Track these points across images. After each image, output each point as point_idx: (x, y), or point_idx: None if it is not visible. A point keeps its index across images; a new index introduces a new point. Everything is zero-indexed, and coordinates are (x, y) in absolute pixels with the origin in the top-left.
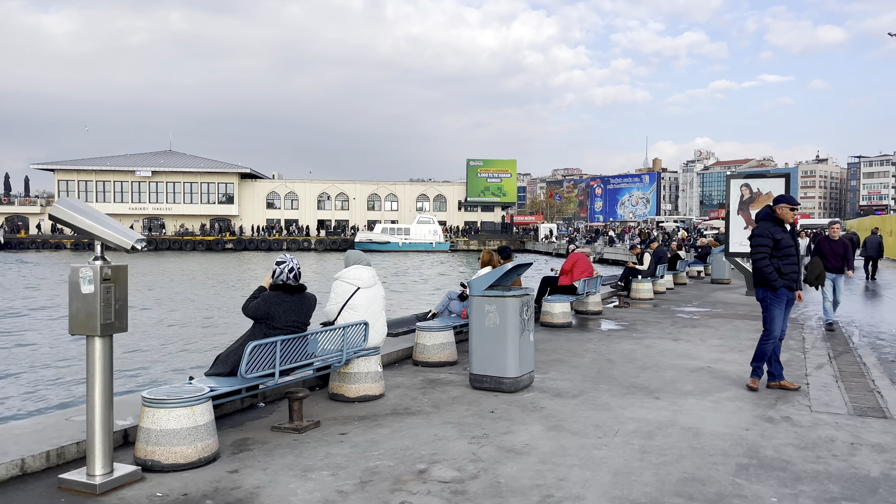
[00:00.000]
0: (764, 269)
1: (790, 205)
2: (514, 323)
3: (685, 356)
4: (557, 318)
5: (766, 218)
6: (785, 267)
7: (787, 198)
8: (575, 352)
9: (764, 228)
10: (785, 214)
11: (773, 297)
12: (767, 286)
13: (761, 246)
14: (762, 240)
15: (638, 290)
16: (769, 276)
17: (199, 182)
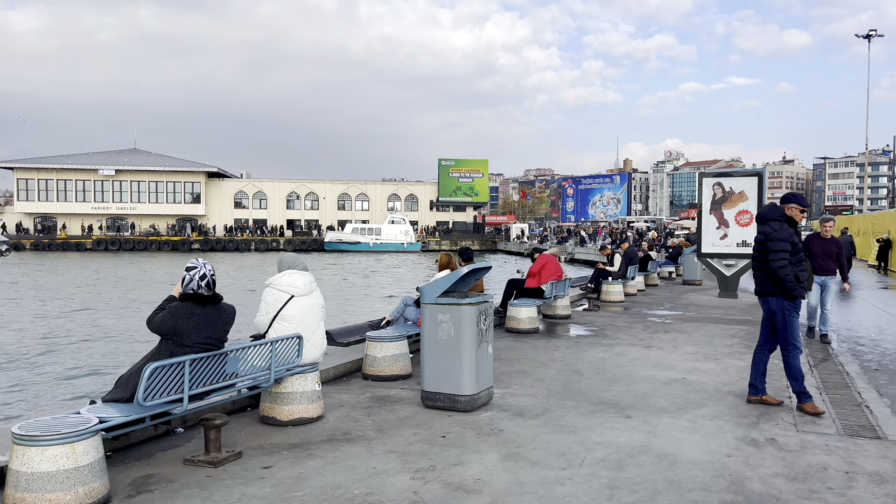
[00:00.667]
0: (787, 277)
1: (801, 206)
2: (471, 334)
3: (658, 365)
4: (523, 323)
5: (780, 219)
6: (801, 274)
7: (797, 197)
8: (541, 361)
9: (784, 231)
10: (795, 216)
11: (791, 307)
12: (785, 296)
13: (782, 251)
14: (782, 244)
15: (608, 292)
16: (791, 285)
17: (164, 181)
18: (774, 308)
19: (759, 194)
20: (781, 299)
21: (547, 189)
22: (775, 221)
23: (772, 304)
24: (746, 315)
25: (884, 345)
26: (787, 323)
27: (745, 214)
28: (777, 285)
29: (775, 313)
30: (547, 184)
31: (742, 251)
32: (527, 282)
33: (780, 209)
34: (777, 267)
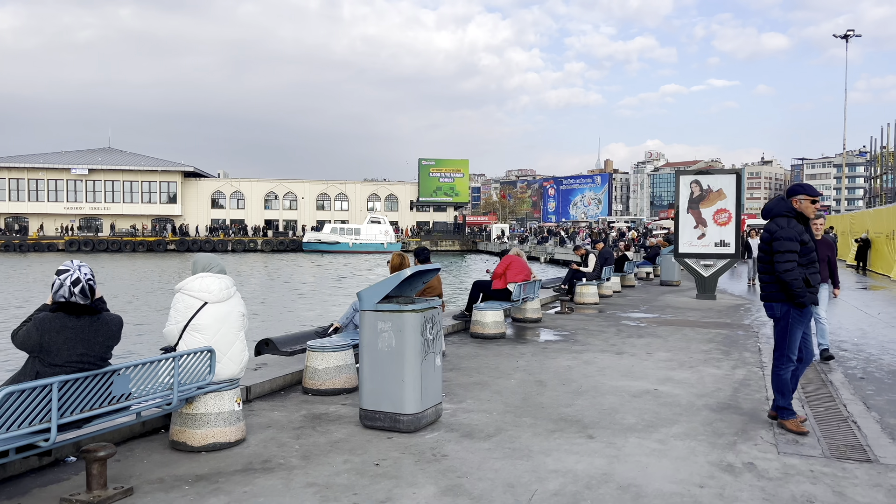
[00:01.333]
0: (794, 283)
1: (810, 196)
2: (414, 345)
3: (629, 375)
4: (489, 328)
5: (788, 214)
6: (812, 277)
7: (805, 187)
8: (502, 371)
9: (791, 229)
10: (805, 209)
11: (798, 315)
12: (792, 302)
13: (789, 252)
14: (790, 244)
15: (582, 293)
16: (799, 292)
17: (139, 181)
18: (778, 315)
19: (738, 193)
20: (787, 306)
21: (528, 189)
22: (782, 217)
23: (776, 310)
24: (724, 318)
25: (867, 350)
26: (788, 332)
27: (724, 213)
28: (783, 290)
29: (778, 321)
30: (528, 184)
31: (720, 251)
32: (493, 283)
33: (788, 203)
34: (783, 270)
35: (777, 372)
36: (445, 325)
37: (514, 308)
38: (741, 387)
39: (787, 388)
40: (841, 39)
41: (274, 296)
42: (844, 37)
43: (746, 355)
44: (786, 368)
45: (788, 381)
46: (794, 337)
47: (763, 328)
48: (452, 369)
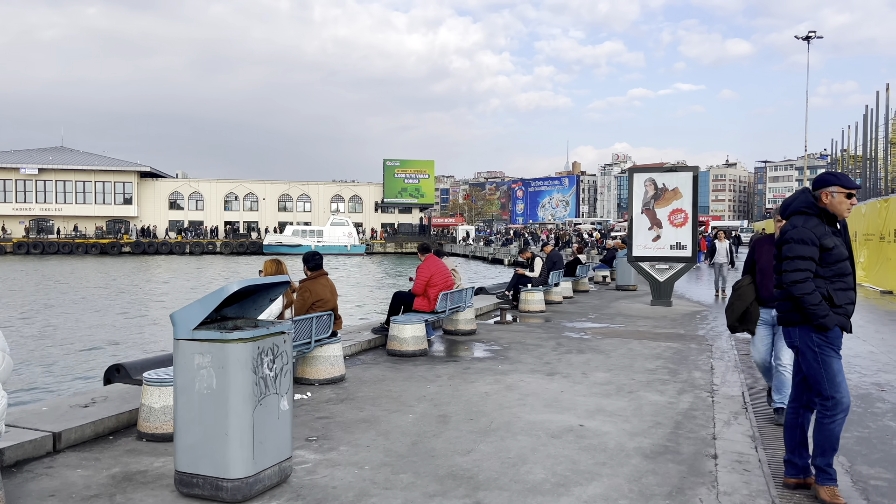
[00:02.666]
0: (805, 297)
1: (846, 189)
2: (243, 385)
3: (554, 404)
4: (407, 343)
5: (807, 210)
6: (838, 294)
7: (840, 177)
8: (404, 401)
9: (807, 230)
10: (836, 205)
11: (825, 341)
12: (813, 324)
13: (801, 259)
14: (801, 248)
15: (527, 301)
16: (813, 309)
17: (92, 181)
18: (797, 342)
19: (695, 191)
20: (807, 330)
21: (497, 191)
22: (799, 215)
23: (794, 337)
24: (678, 327)
25: None
26: (822, 365)
27: (680, 213)
28: (798, 310)
29: (801, 351)
30: (497, 186)
31: (676, 254)
32: (415, 302)
33: (809, 197)
34: (790, 282)
35: (821, 421)
36: (360, 339)
37: (445, 318)
38: (685, 420)
39: (834, 442)
40: (803, 41)
41: None
42: (806, 38)
43: (696, 375)
44: (833, 416)
45: (838, 435)
46: (833, 369)
47: (718, 340)
48: (344, 400)
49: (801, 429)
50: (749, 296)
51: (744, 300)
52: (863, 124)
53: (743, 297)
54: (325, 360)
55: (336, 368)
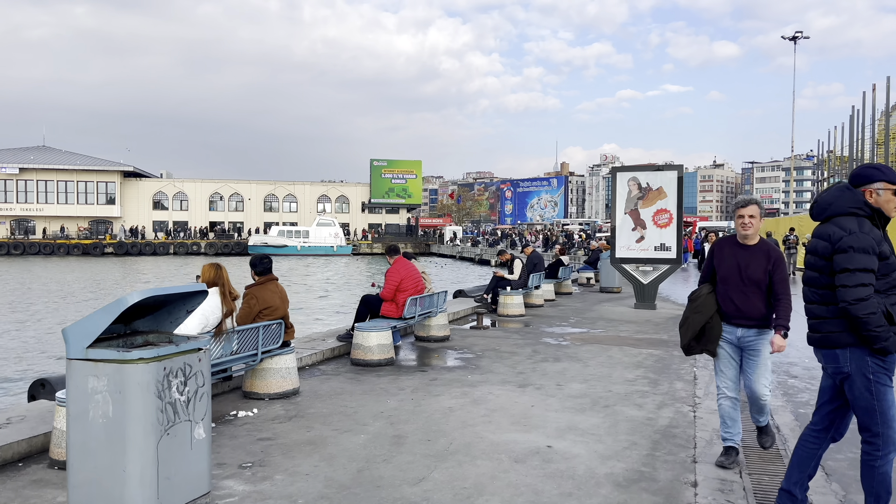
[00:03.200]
0: (870, 318)
1: (893, 184)
2: (144, 413)
3: (523, 421)
4: (373, 352)
5: (858, 211)
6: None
7: (886, 170)
8: (359, 418)
9: (864, 237)
10: (883, 204)
11: (882, 367)
12: (868, 347)
13: (864, 272)
14: (865, 258)
15: (506, 304)
16: (878, 330)
17: (75, 181)
18: (849, 369)
19: (679, 191)
20: (861, 353)
21: (486, 192)
22: (848, 217)
23: (841, 361)
24: (661, 332)
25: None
26: (876, 395)
27: (664, 214)
28: (854, 330)
29: (850, 378)
30: (486, 186)
31: (661, 255)
32: (382, 307)
33: (857, 195)
34: (854, 300)
35: (872, 463)
36: (324, 347)
37: (417, 324)
38: (663, 440)
39: (889, 486)
40: (789, 41)
41: None
42: (793, 38)
43: (678, 386)
44: (886, 455)
45: (891, 478)
46: (888, 401)
47: None
48: (293, 417)
49: (818, 460)
50: (709, 308)
51: (703, 313)
52: (849, 125)
53: (701, 309)
54: (275, 372)
55: (288, 382)
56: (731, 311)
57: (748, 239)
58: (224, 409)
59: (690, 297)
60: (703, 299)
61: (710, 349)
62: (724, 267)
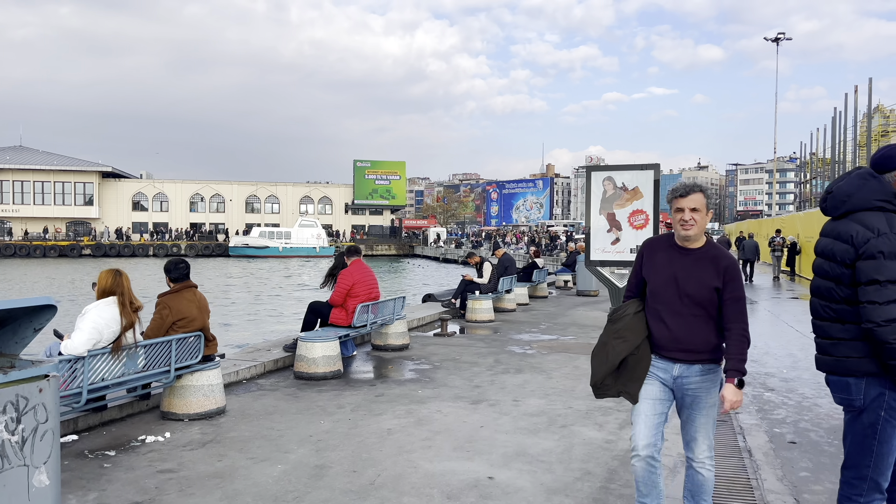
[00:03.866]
0: None
1: None
2: None
3: (465, 447)
4: (318, 364)
5: (887, 204)
6: None
7: None
8: (282, 444)
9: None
10: None
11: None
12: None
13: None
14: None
15: (474, 309)
16: None
17: (52, 181)
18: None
19: (656, 192)
20: (881, 385)
21: (472, 193)
22: (874, 213)
23: (854, 392)
24: None
25: (800, 388)
26: (879, 437)
27: (640, 215)
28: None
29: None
30: (472, 188)
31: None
32: (331, 314)
33: (884, 185)
34: (886, 320)
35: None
36: (267, 359)
37: (374, 332)
38: (621, 468)
39: None
40: (772, 43)
41: None
42: (775, 40)
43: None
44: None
45: None
46: (891, 447)
47: None
48: (209, 443)
49: None
50: (636, 333)
51: (627, 340)
52: (831, 127)
53: (625, 334)
54: (196, 390)
55: (211, 400)
56: (665, 341)
57: (690, 241)
58: (132, 434)
59: (611, 316)
60: (628, 321)
61: (630, 391)
62: (656, 278)
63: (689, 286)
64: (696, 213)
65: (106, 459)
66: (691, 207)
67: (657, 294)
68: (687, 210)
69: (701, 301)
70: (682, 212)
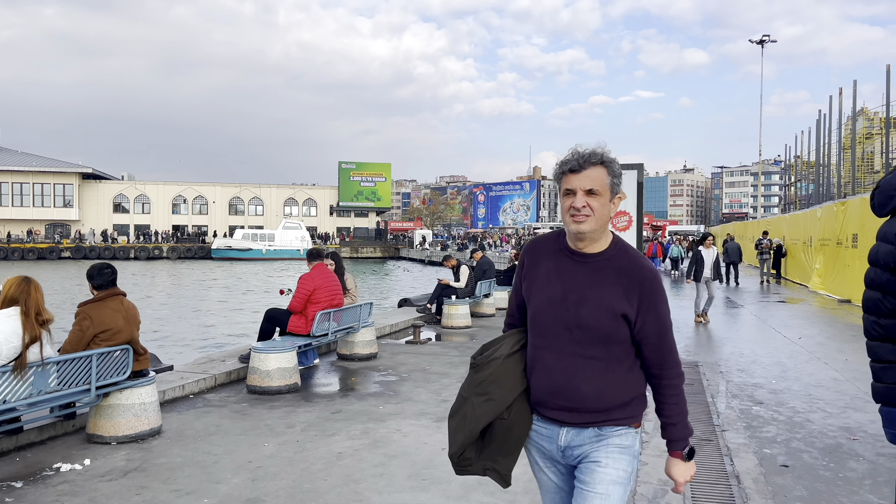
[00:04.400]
0: None
1: None
2: None
3: (422, 474)
4: (272, 378)
5: None
6: None
7: None
8: (215, 472)
9: None
10: None
11: None
12: None
13: None
14: None
15: (450, 315)
16: None
17: (30, 183)
18: None
19: (639, 192)
20: None
21: (459, 195)
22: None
23: None
24: None
25: (791, 401)
26: None
27: (623, 216)
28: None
29: None
30: (459, 190)
31: None
32: (290, 322)
33: None
34: None
35: None
36: (219, 371)
37: (340, 340)
38: None
39: None
40: (757, 45)
41: None
42: (760, 42)
43: None
44: None
45: None
46: None
47: None
48: (131, 472)
49: None
50: (506, 386)
51: (492, 398)
52: (815, 129)
53: (489, 390)
54: (126, 409)
55: (143, 421)
56: (546, 394)
57: (585, 241)
58: (48, 461)
59: (475, 359)
60: (495, 368)
61: (500, 469)
62: (537, 298)
63: (582, 311)
64: (595, 199)
65: (10, 492)
66: (586, 188)
67: (537, 323)
68: (580, 192)
69: (600, 335)
70: (573, 195)
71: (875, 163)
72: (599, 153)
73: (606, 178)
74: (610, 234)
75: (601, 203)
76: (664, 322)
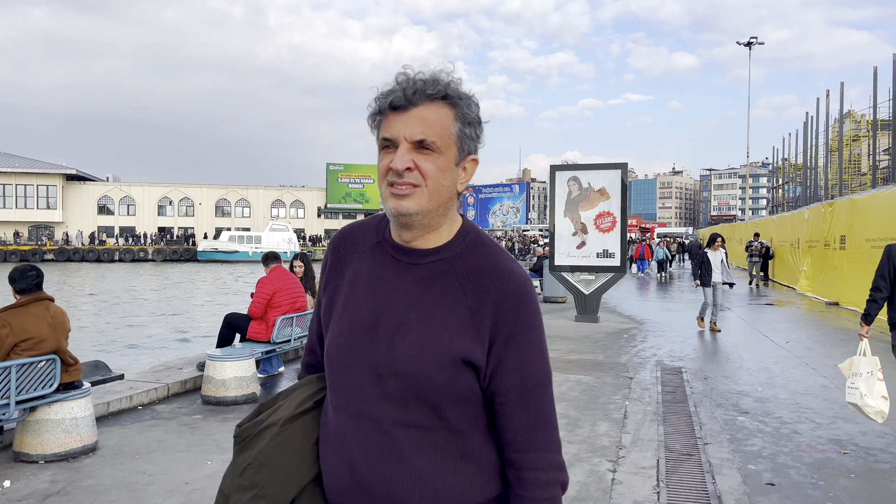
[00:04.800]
0: None
1: None
2: None
3: None
4: (228, 388)
5: None
6: None
7: None
8: (147, 495)
9: None
10: None
11: None
12: None
13: None
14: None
15: None
16: None
17: (13, 184)
18: None
19: (623, 192)
20: None
21: None
22: None
23: None
24: (598, 352)
25: (777, 410)
26: None
27: (607, 217)
28: None
29: None
30: None
31: (604, 263)
32: (250, 327)
33: None
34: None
35: None
36: (173, 380)
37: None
38: None
39: None
40: (745, 48)
41: None
42: (748, 44)
43: (602, 429)
44: None
45: None
46: None
47: (641, 370)
48: (52, 496)
49: None
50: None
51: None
52: (803, 132)
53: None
54: (55, 425)
55: (75, 437)
56: (341, 488)
57: (413, 227)
58: None
59: (239, 430)
60: (271, 439)
61: None
62: (337, 321)
63: (399, 349)
64: (429, 157)
65: None
66: (415, 139)
67: (332, 367)
68: (404, 145)
69: (428, 389)
70: (393, 149)
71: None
72: (443, 81)
73: (452, 123)
74: (458, 220)
75: (439, 165)
76: (533, 369)
